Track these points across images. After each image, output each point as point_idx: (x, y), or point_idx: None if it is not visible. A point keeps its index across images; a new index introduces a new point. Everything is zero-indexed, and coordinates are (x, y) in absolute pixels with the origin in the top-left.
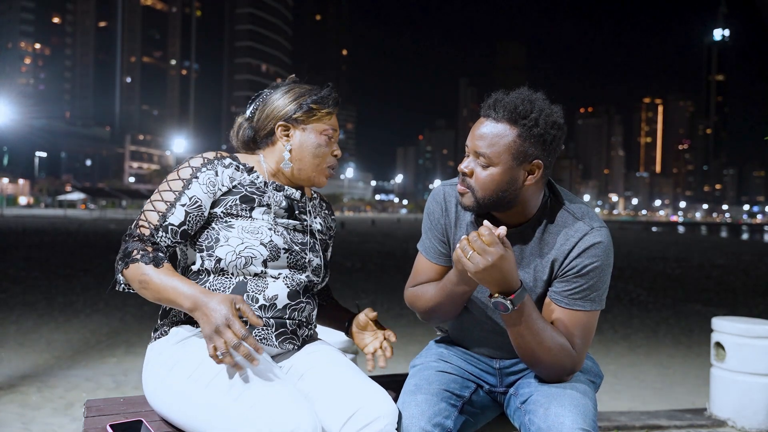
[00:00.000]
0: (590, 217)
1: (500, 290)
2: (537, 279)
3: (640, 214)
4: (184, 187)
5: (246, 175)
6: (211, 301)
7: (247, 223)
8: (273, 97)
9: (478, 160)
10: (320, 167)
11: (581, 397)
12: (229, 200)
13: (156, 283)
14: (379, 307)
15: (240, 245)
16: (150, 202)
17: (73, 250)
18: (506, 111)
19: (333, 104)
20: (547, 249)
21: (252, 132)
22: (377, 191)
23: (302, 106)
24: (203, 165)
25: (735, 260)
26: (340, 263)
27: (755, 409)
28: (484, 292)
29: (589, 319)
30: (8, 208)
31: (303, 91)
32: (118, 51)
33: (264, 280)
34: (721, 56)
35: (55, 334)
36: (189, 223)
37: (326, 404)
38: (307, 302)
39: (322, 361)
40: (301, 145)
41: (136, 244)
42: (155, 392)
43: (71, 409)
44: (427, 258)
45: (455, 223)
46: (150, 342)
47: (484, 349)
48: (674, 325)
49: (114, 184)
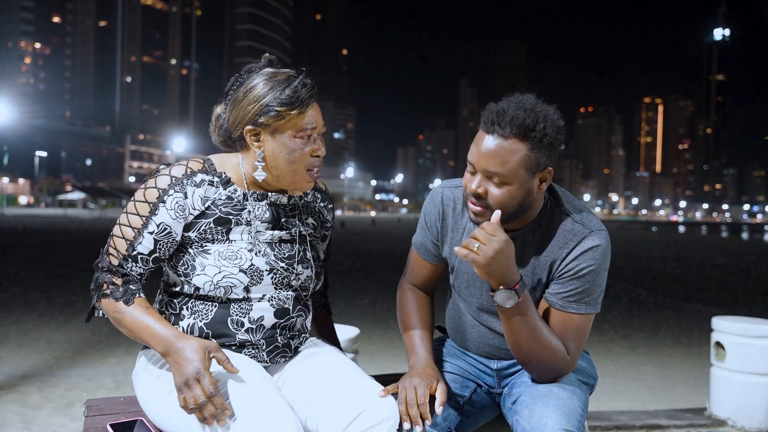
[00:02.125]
0: (589, 219)
1: (503, 282)
2: (535, 281)
3: (640, 214)
4: (150, 213)
5: (221, 190)
6: (184, 349)
7: (224, 247)
8: (238, 95)
9: (490, 179)
10: (299, 172)
11: (568, 398)
12: (202, 224)
13: (129, 322)
14: (379, 306)
15: (217, 274)
16: (118, 225)
17: (74, 250)
18: (514, 126)
19: (306, 100)
20: (545, 251)
21: (227, 131)
22: (377, 191)
23: (267, 109)
24: (170, 186)
25: (735, 260)
26: (340, 263)
27: (755, 408)
28: (482, 294)
29: (583, 322)
30: (8, 207)
31: (271, 86)
32: (118, 50)
33: (248, 303)
34: (721, 56)
35: (55, 334)
36: (160, 250)
37: (329, 406)
38: (298, 315)
39: (321, 363)
40: (273, 152)
41: (106, 276)
42: (143, 401)
43: (71, 408)
44: (419, 254)
45: (451, 227)
46: (140, 349)
47: (482, 351)
48: (674, 325)
49: (114, 183)
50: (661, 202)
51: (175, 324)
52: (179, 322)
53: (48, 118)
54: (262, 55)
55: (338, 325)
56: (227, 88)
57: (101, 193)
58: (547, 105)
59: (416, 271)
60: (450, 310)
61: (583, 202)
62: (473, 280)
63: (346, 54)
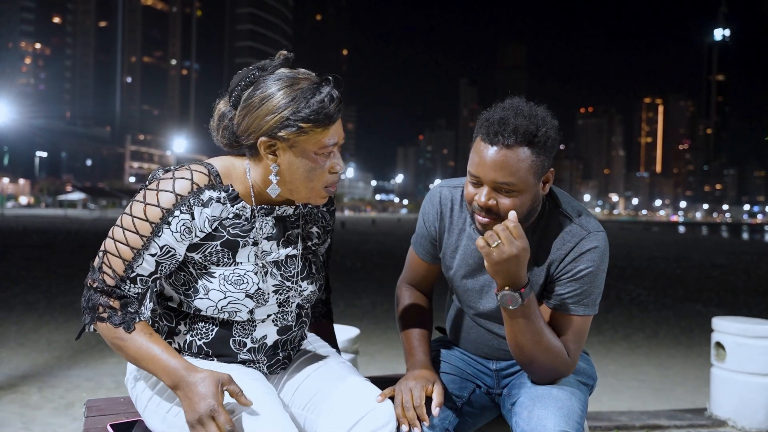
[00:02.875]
0: (587, 221)
1: (510, 284)
2: (533, 282)
3: (641, 214)
4: (153, 234)
5: (230, 207)
6: (195, 384)
7: (230, 270)
8: (253, 101)
9: (500, 191)
10: (316, 189)
11: (567, 399)
12: (209, 246)
13: (132, 350)
14: (379, 307)
15: (222, 300)
16: (113, 241)
17: (73, 250)
18: (518, 134)
19: (333, 116)
20: (543, 253)
21: (234, 134)
22: (377, 191)
23: (288, 123)
24: (175, 206)
25: (735, 260)
26: (340, 263)
27: (755, 408)
28: (480, 296)
29: (582, 323)
30: (8, 208)
31: (294, 96)
32: (119, 51)
33: (252, 324)
34: (721, 56)
35: (55, 334)
36: (162, 271)
37: (328, 412)
38: (300, 328)
39: (320, 367)
40: (291, 167)
41: (100, 298)
42: (137, 403)
43: (72, 408)
44: (417, 254)
45: (449, 227)
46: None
47: (480, 351)
48: (674, 325)
49: (114, 184)
50: (662, 203)
51: (171, 337)
52: (174, 337)
53: (48, 118)
54: (262, 55)
55: (338, 326)
56: (233, 85)
57: (101, 194)
58: (539, 107)
59: (414, 270)
60: (450, 310)
61: (583, 203)
62: (473, 283)
63: (346, 54)
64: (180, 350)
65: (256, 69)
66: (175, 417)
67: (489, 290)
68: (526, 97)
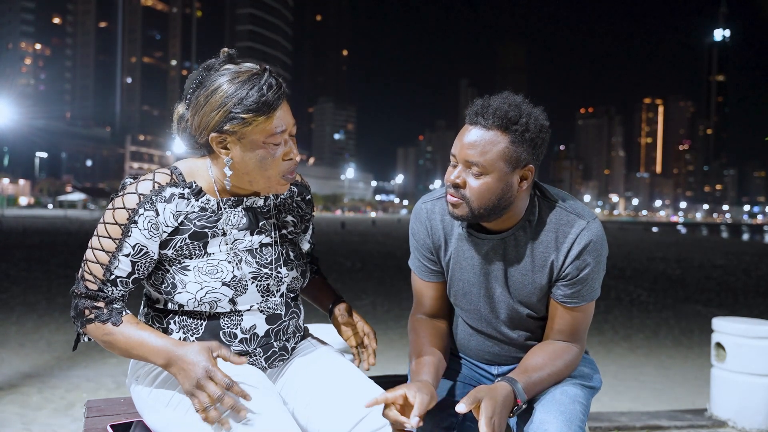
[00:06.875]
0: (582, 211)
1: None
2: (534, 277)
3: (641, 215)
4: (123, 235)
5: (194, 201)
6: (187, 354)
7: (204, 262)
8: (199, 99)
9: (470, 170)
10: (273, 178)
11: (569, 403)
12: (177, 240)
13: (121, 342)
14: (380, 308)
15: (200, 291)
16: (90, 249)
17: (74, 251)
18: (496, 117)
19: (273, 103)
20: (541, 247)
21: (192, 135)
22: (378, 191)
23: (232, 116)
24: (139, 205)
25: (735, 261)
26: (340, 263)
27: (756, 409)
28: (478, 304)
29: (589, 309)
30: (8, 208)
31: (234, 89)
32: (119, 51)
33: (238, 315)
34: (721, 56)
35: (55, 334)
36: (139, 271)
37: (330, 412)
38: (290, 317)
39: (321, 366)
40: (243, 159)
41: (86, 302)
42: (137, 402)
43: (72, 409)
44: (419, 276)
45: (444, 240)
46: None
47: (482, 357)
48: (675, 326)
49: (114, 184)
50: (662, 203)
51: None
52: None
53: (48, 118)
54: (262, 56)
55: None
56: (187, 88)
57: (102, 194)
58: (534, 106)
59: (421, 294)
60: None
61: (583, 203)
62: (469, 287)
63: (346, 54)
64: None
65: (203, 69)
66: (174, 410)
67: (485, 291)
68: (525, 98)
